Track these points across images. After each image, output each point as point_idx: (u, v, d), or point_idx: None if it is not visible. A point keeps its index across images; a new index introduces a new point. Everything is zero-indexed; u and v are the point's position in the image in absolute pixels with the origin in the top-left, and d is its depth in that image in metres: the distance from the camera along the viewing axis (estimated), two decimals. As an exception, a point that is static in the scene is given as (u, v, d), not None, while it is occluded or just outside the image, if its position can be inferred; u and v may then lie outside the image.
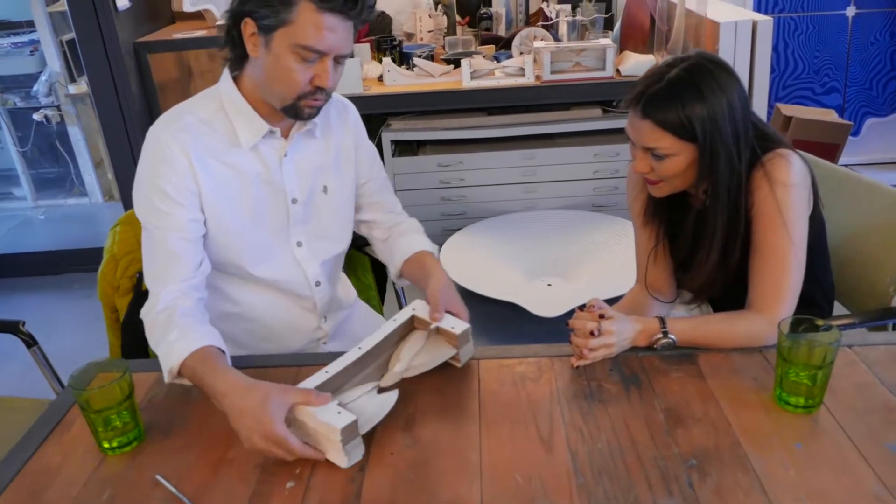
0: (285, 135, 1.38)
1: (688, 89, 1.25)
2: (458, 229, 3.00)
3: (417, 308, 1.29)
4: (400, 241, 1.54)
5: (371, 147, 1.55)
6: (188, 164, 1.29)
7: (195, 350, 1.17)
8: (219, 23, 3.18)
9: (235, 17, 1.25)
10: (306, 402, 1.07)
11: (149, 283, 1.31)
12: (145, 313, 1.28)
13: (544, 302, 2.42)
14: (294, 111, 1.29)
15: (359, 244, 1.77)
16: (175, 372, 1.18)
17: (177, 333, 1.20)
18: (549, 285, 2.68)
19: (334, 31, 1.21)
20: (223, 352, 1.21)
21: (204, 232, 1.34)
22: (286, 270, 1.44)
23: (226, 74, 1.34)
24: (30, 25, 4.13)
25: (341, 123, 1.47)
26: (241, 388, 1.09)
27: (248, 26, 1.23)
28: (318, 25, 1.20)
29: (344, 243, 1.54)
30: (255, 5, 1.21)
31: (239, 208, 1.36)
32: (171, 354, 1.18)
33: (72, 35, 3.27)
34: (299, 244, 1.44)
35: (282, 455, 1.05)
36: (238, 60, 1.32)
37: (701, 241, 1.38)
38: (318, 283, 1.48)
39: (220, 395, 1.10)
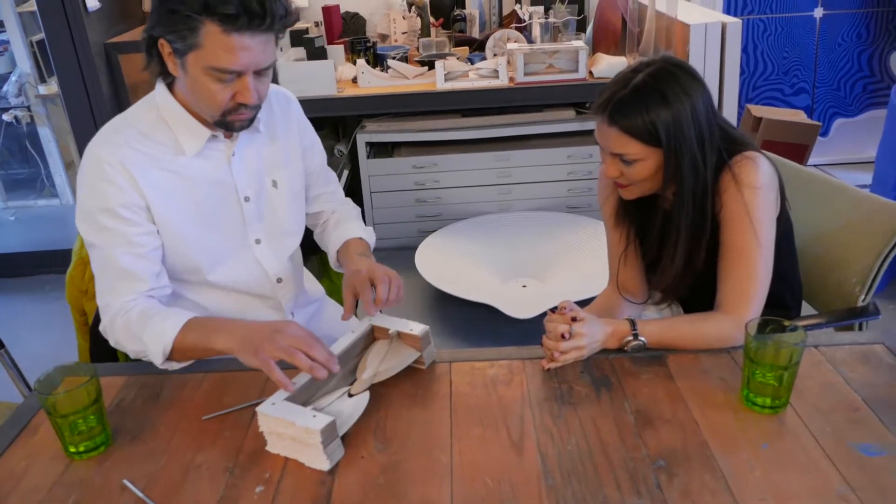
0: (228, 136, 1.36)
1: (652, 95, 1.26)
2: (434, 231, 3.00)
3: (374, 318, 1.30)
4: (335, 231, 1.56)
5: (315, 137, 1.54)
6: (130, 179, 1.27)
7: (185, 322, 1.23)
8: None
9: (151, 38, 1.23)
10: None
11: (101, 299, 1.31)
12: (108, 323, 1.29)
13: (519, 303, 2.43)
14: (224, 125, 1.30)
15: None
16: (169, 350, 1.22)
17: (159, 317, 1.24)
18: (524, 287, 2.69)
19: (247, 49, 1.18)
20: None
21: (159, 243, 1.32)
22: (245, 271, 1.43)
23: (160, 84, 1.32)
24: (-1, 26, 4.06)
25: (284, 116, 1.46)
26: (245, 323, 1.21)
27: (164, 47, 1.22)
28: (229, 47, 1.16)
29: (299, 236, 1.54)
30: (164, 30, 1.19)
31: (190, 214, 1.34)
32: (161, 334, 1.22)
33: (41, 35, 3.22)
34: (258, 241, 1.43)
35: (307, 344, 1.12)
36: (166, 73, 1.29)
37: (667, 243, 1.39)
38: (279, 280, 1.47)
39: (235, 328, 1.19)
